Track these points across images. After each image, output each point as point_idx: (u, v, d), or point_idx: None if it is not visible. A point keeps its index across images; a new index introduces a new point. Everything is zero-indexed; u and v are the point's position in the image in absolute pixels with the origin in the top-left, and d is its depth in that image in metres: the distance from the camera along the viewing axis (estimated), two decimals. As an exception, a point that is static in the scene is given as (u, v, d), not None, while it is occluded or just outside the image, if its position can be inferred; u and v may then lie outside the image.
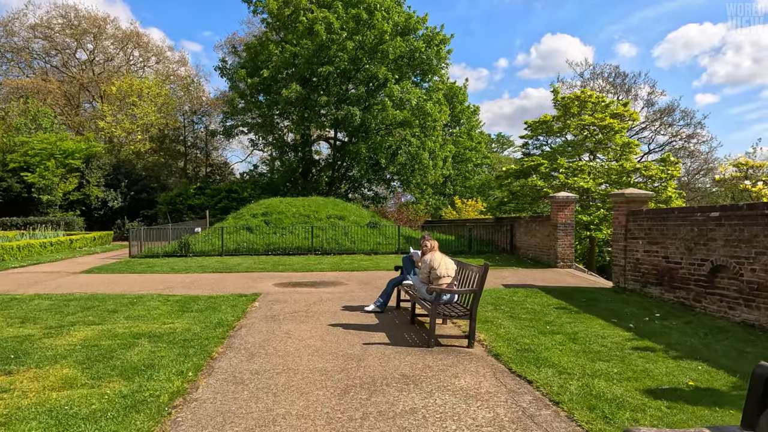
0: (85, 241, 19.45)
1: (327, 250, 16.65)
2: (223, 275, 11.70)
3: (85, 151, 28.46)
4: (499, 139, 61.79)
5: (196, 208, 27.99)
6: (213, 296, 8.65)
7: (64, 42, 39.94)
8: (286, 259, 15.11)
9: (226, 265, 13.38)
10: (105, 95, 36.36)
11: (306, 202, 21.35)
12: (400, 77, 27.64)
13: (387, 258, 15.41)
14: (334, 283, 10.46)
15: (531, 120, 19.35)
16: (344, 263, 13.95)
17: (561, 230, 13.20)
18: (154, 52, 42.76)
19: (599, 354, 5.09)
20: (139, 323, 6.44)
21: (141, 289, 9.57)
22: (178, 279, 11.02)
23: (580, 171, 16.10)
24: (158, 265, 13.46)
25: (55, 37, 39.72)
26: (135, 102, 34.22)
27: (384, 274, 11.84)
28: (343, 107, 26.99)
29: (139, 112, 34.09)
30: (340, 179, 34.09)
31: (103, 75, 39.18)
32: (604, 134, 17.19)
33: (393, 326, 6.36)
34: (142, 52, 42.11)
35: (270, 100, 29.51)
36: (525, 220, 15.96)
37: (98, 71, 40.11)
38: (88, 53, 40.43)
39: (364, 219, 20.63)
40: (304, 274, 11.98)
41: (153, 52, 42.72)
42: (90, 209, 28.49)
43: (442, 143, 32.82)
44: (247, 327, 6.33)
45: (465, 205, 31.86)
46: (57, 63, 40.65)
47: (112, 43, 41.38)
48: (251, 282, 10.55)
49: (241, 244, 16.62)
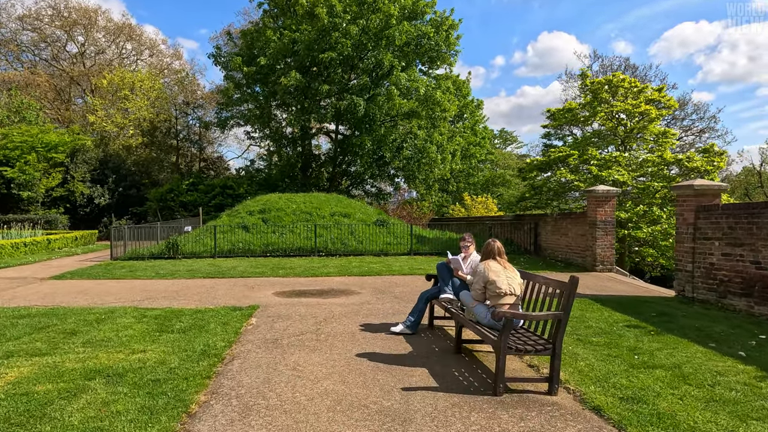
0: (65, 241, 17.97)
1: (332, 251, 15.20)
2: (214, 281, 10.24)
3: (70, 144, 26.92)
4: (502, 135, 60.28)
5: (188, 205, 26.50)
6: (201, 310, 7.20)
7: (54, 34, 38.72)
8: (286, 261, 13.65)
9: (219, 269, 11.92)
10: (96, 89, 34.96)
11: (307, 198, 19.89)
12: (406, 65, 26.13)
13: (398, 260, 13.97)
14: (344, 291, 9.01)
15: (554, 108, 17.90)
16: (352, 266, 12.51)
17: (600, 229, 11.76)
18: (147, 46, 41.44)
19: (738, 404, 3.65)
20: (99, 352, 4.98)
21: (115, 300, 8.10)
22: (161, 286, 9.56)
23: (614, 162, 14.65)
24: (141, 269, 11.99)
25: (45, 28, 38.45)
26: (127, 95, 32.76)
27: (400, 279, 10.39)
28: (345, 97, 25.49)
29: (131, 106, 32.61)
30: (342, 175, 32.61)
31: (94, 68, 37.81)
32: (637, 122, 15.74)
33: (434, 357, 4.91)
34: (135, 45, 40.82)
35: (267, 91, 27.99)
36: (552, 217, 14.53)
37: (89, 64, 38.75)
38: (78, 46, 39.06)
39: (371, 217, 19.19)
40: (309, 279, 10.52)
41: (146, 45, 41.42)
42: (75, 206, 26.98)
43: (450, 136, 31.37)
44: (242, 357, 4.88)
45: (474, 202, 30.41)
46: (47, 56, 39.41)
47: (104, 35, 40.09)
48: (247, 290, 9.09)
49: (237, 245, 15.16)
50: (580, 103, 17.09)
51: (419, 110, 25.16)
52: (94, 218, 27.54)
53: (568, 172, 15.36)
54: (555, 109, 17.76)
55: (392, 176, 32.50)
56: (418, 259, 14.36)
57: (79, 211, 27.19)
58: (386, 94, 24.88)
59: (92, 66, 38.61)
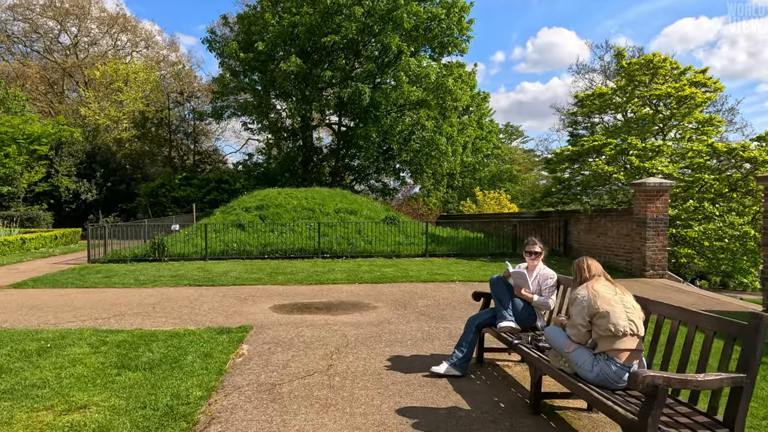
0: (42, 240, 16.51)
1: (337, 253, 13.72)
2: (201, 291, 8.77)
3: (54, 135, 25.38)
4: (507, 129, 58.69)
5: (181, 201, 25.04)
6: (179, 333, 5.73)
7: (46, 25, 37.50)
8: (286, 264, 12.17)
9: (208, 275, 10.45)
10: (90, 81, 33.66)
11: (309, 193, 18.39)
12: (415, 51, 24.56)
13: (413, 263, 12.49)
14: (357, 305, 7.53)
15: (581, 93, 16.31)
16: (362, 271, 11.03)
17: (651, 228, 10.27)
18: (143, 37, 40.26)
19: None
20: (19, 410, 3.51)
21: (74, 318, 6.64)
22: (137, 297, 8.09)
23: (657, 153, 13.13)
24: (120, 275, 10.53)
25: (36, 19, 37.17)
26: (121, 88, 31.32)
27: (420, 288, 8.91)
28: (349, 84, 23.95)
29: (125, 99, 31.17)
30: (345, 169, 31.10)
31: (87, 60, 36.62)
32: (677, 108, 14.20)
33: (503, 420, 3.43)
34: (130, 37, 39.54)
35: (266, 80, 26.42)
36: (587, 214, 13.04)
37: (82, 56, 37.51)
38: (72, 37, 37.84)
39: (379, 214, 17.71)
40: (313, 288, 9.04)
41: (142, 36, 40.24)
42: (60, 203, 25.53)
43: (461, 128, 29.80)
44: (223, 421, 3.41)
45: (486, 198, 28.86)
46: (39, 48, 38.25)
47: (98, 26, 38.90)
48: (239, 303, 7.62)
49: (230, 245, 13.69)
50: (612, 87, 15.54)
51: (429, 99, 23.60)
52: (80, 215, 26.08)
53: (604, 163, 13.83)
54: (584, 95, 16.17)
55: (397, 171, 30.97)
56: (436, 261, 12.87)
57: (65, 207, 25.74)
58: (394, 80, 23.33)
59: (85, 58, 37.57)
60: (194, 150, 33.29)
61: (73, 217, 25.89)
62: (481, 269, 11.35)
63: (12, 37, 38.01)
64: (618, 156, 13.82)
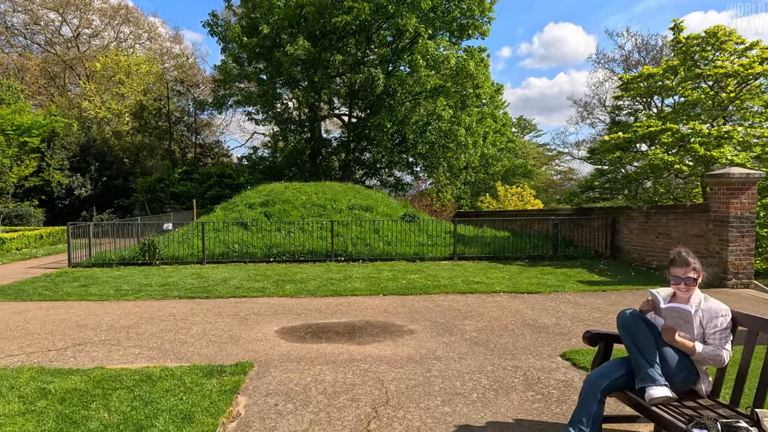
0: (26, 240, 15.14)
1: (353, 255, 12.19)
2: (192, 306, 7.28)
3: (46, 126, 24.06)
4: (520, 123, 56.91)
5: (180, 197, 23.64)
6: (152, 375, 4.23)
7: (47, 16, 36.73)
8: (295, 269, 10.66)
9: (203, 283, 8.97)
10: (91, 74, 32.53)
11: (320, 188, 16.87)
12: (433, 33, 22.88)
13: (442, 268, 10.93)
14: (387, 328, 5.99)
15: (627, 75, 14.58)
16: (384, 278, 9.50)
17: (735, 228, 8.64)
18: (145, 29, 39.25)
19: None
20: None
21: (20, 348, 5.17)
22: (112, 316, 6.62)
23: (726, 139, 11.45)
24: (100, 283, 9.07)
25: (37, 10, 36.13)
26: (122, 80, 30.03)
27: (460, 302, 7.35)
28: (362, 70, 22.36)
29: (127, 91, 29.85)
30: (355, 163, 29.54)
31: (88, 53, 35.67)
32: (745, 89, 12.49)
33: None
34: (133, 29, 38.48)
35: (271, 68, 24.87)
36: (641, 211, 11.41)
37: (84, 49, 36.50)
38: (73, 29, 36.88)
39: (396, 210, 16.18)
40: (329, 302, 7.52)
41: (144, 28, 39.23)
42: (52, 199, 24.21)
43: (480, 118, 28.14)
44: None
45: (507, 193, 27.17)
46: (41, 41, 37.33)
47: (99, 17, 37.89)
48: (238, 324, 6.12)
49: (232, 247, 12.21)
50: (664, 67, 13.82)
51: (449, 85, 21.95)
52: (74, 212, 24.78)
53: (662, 152, 12.13)
54: (629, 76, 14.43)
55: (411, 164, 29.31)
56: (467, 266, 11.29)
57: (57, 203, 24.43)
58: (409, 66, 21.73)
59: (86, 50, 36.64)
60: (195, 143, 31.84)
61: (67, 213, 24.56)
62: (523, 276, 9.77)
63: (11, 29, 37.19)
64: (676, 144, 12.09)
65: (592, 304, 7.32)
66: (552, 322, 6.18)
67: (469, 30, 23.59)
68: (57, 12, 36.28)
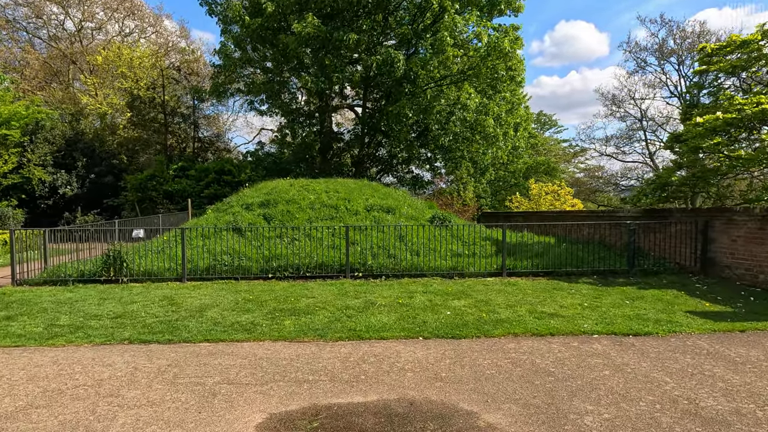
0: (-17, 246, 12.99)
1: (373, 270, 9.77)
2: (141, 360, 4.92)
3: (28, 117, 22.01)
4: (540, 119, 54.29)
5: (174, 196, 21.44)
6: None
7: (50, 10, 35.07)
8: (299, 291, 8.27)
9: (171, 315, 6.62)
10: (93, 68, 30.77)
11: (331, 185, 14.50)
12: (460, 8, 20.36)
13: (490, 288, 8.48)
14: (445, 418, 3.56)
15: (711, 45, 11.98)
16: (419, 305, 7.09)
17: None
18: (150, 23, 37.55)
19: None
20: None
21: None
22: (8, 384, 4.29)
23: None
24: (32, 313, 6.79)
25: (39, 2, 34.62)
26: (124, 73, 28.02)
27: (546, 354, 4.90)
28: (379, 50, 19.95)
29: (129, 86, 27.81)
30: (370, 158, 27.11)
31: (91, 47, 34.20)
32: None
33: None
34: (137, 23, 36.92)
35: (277, 53, 22.52)
36: (752, 214, 8.86)
37: (87, 43, 35.01)
38: (76, 23, 35.39)
39: (422, 212, 13.77)
40: (346, 353, 5.11)
41: (149, 22, 37.55)
42: (34, 198, 22.16)
43: (509, 108, 25.54)
44: None
45: (542, 191, 24.54)
46: (44, 36, 36.15)
47: (103, 10, 36.42)
48: (196, 409, 3.74)
49: (221, 259, 9.87)
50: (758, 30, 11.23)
51: (480, 67, 19.42)
52: (59, 212, 22.72)
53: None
54: (713, 46, 11.81)
55: (430, 159, 26.77)
56: (523, 286, 8.79)
57: (40, 203, 22.39)
58: (434, 46, 19.25)
59: (89, 44, 35.09)
60: (194, 137, 29.66)
61: (50, 215, 22.54)
62: (606, 303, 7.29)
63: (13, 22, 35.79)
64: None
65: (751, 359, 4.84)
66: (726, 408, 3.73)
67: (501, 4, 21.00)
68: (59, 4, 34.90)
